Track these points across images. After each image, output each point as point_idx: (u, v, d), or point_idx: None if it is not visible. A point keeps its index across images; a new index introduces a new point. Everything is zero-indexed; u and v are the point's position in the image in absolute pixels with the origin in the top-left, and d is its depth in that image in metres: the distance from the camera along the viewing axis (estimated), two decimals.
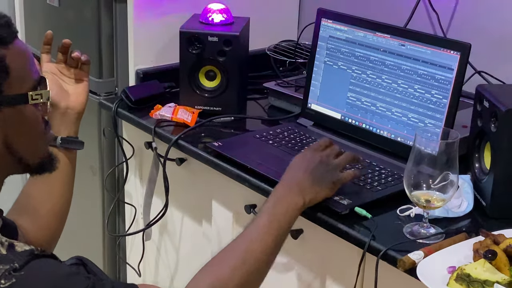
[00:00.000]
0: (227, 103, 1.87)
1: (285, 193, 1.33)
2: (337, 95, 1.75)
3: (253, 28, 1.97)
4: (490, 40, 1.79)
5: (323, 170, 1.38)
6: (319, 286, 1.54)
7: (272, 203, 1.31)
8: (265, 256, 1.26)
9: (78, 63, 1.51)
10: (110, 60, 2.13)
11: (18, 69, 1.11)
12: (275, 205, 1.31)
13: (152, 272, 2.07)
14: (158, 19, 1.97)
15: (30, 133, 1.17)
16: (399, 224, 1.37)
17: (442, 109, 1.56)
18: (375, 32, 1.67)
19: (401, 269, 1.25)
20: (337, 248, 1.43)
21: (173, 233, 1.96)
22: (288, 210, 1.31)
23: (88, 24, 2.12)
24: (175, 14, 1.96)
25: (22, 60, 1.13)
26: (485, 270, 1.17)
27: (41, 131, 1.19)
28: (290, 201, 1.32)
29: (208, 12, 1.89)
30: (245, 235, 1.26)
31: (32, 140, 1.17)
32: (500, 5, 1.77)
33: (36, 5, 2.35)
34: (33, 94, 1.14)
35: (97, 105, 2.10)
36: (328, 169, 1.39)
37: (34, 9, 2.36)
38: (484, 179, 1.44)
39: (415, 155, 1.30)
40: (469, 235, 1.31)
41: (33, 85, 1.15)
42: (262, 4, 2.13)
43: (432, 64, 1.57)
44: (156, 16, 1.97)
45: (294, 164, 1.40)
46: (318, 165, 1.38)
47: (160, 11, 1.97)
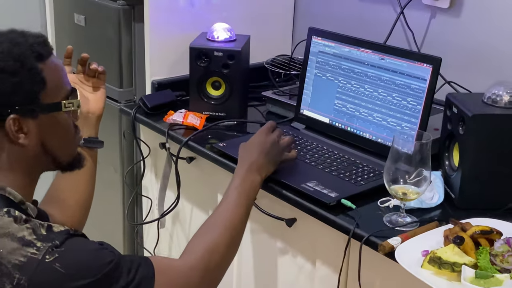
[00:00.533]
0: (231, 109, 1.87)
1: (247, 172, 1.39)
2: (326, 102, 1.74)
3: (253, 44, 1.97)
4: (458, 55, 1.79)
5: (274, 151, 1.46)
6: (310, 267, 1.53)
7: (238, 182, 1.37)
8: (240, 223, 1.31)
9: (96, 73, 1.52)
10: (129, 72, 2.13)
11: (53, 81, 1.12)
12: (241, 183, 1.36)
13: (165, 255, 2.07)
14: (171, 36, 1.97)
15: (62, 136, 1.18)
16: (379, 214, 1.37)
17: (416, 114, 1.56)
18: (359, 47, 1.67)
19: (381, 252, 1.25)
20: (326, 234, 1.43)
21: (184, 221, 1.96)
22: (252, 186, 1.37)
23: (110, 41, 2.12)
24: (185, 32, 1.96)
25: (56, 74, 1.14)
26: (454, 254, 1.17)
27: (72, 135, 1.21)
28: (253, 179, 1.38)
29: (214, 31, 1.89)
30: (222, 208, 1.32)
31: (64, 142, 1.19)
32: (467, 25, 1.77)
33: (65, 25, 2.35)
34: (66, 103, 1.15)
35: (118, 111, 2.10)
36: (277, 149, 1.47)
37: (64, 28, 2.36)
38: (453, 175, 1.44)
39: (393, 154, 1.30)
40: (440, 223, 1.32)
41: (66, 95, 1.16)
42: (260, 24, 2.13)
43: (408, 75, 1.57)
44: (169, 34, 1.97)
45: (249, 145, 1.46)
46: (269, 147, 1.45)
47: (172, 30, 1.97)
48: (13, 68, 1.06)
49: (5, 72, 1.06)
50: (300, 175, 1.51)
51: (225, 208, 1.31)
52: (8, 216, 1.03)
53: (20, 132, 1.09)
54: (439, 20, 1.83)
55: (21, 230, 1.02)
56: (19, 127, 1.09)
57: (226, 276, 1.28)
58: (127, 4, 2.05)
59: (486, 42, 1.74)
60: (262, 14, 2.15)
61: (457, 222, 1.26)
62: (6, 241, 1.00)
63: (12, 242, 1.00)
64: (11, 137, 1.09)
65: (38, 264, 0.99)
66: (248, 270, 1.72)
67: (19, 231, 1.01)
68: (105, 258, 1.04)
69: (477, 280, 1.12)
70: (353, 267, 1.37)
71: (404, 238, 1.26)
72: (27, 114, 1.09)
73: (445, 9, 1.80)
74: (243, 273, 1.74)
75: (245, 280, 1.74)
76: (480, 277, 1.13)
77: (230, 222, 1.28)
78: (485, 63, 1.74)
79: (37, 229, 1.03)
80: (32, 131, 1.11)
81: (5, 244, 1.00)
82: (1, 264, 0.98)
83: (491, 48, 1.73)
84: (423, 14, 1.85)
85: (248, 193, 1.36)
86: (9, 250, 0.99)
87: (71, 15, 2.28)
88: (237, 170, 1.40)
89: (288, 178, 1.49)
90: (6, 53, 1.07)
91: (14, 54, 1.07)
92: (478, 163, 1.39)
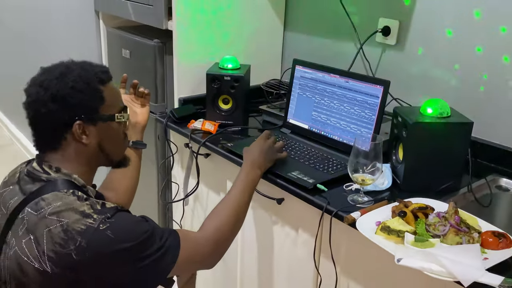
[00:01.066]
0: (236, 119, 1.87)
1: (250, 168, 1.38)
2: (305, 113, 1.75)
3: (252, 71, 1.97)
4: (402, 78, 1.79)
5: (270, 153, 1.45)
6: (294, 234, 1.54)
7: (244, 175, 1.36)
8: (244, 207, 1.31)
9: (143, 94, 1.53)
10: (162, 91, 2.14)
11: (110, 99, 1.14)
12: (245, 176, 1.35)
13: (189, 226, 2.08)
14: (193, 65, 1.98)
15: (114, 140, 1.19)
16: (344, 195, 1.38)
17: (372, 122, 1.56)
18: (330, 73, 1.67)
19: (346, 223, 1.26)
20: (305, 210, 1.43)
21: (202, 201, 1.96)
22: (254, 179, 1.37)
23: (148, 69, 2.12)
24: (203, 62, 1.96)
25: (113, 94, 1.16)
26: (399, 224, 1.18)
27: (121, 140, 1.22)
28: (254, 173, 1.38)
29: (224, 61, 1.89)
30: (230, 195, 1.31)
31: (115, 145, 1.20)
32: (408, 56, 1.77)
33: (116, 58, 2.35)
34: (118, 115, 1.16)
35: (154, 120, 2.10)
36: (273, 151, 1.46)
37: (115, 60, 2.37)
38: (398, 166, 1.45)
39: (355, 151, 1.31)
40: (389, 202, 1.33)
41: (119, 110, 1.17)
42: (258, 56, 2.14)
43: (366, 94, 1.58)
44: (191, 63, 1.97)
45: (252, 148, 1.45)
46: (267, 149, 1.45)
47: (193, 60, 1.97)
48: (81, 87, 1.08)
49: (76, 90, 1.08)
50: (287, 166, 1.51)
51: (233, 195, 1.30)
52: (73, 196, 1.05)
53: (83, 134, 1.11)
54: (388, 53, 1.83)
55: (82, 206, 1.02)
56: (83, 130, 1.10)
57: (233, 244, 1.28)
58: (160, 42, 2.05)
59: (422, 69, 1.74)
60: (259, 49, 2.15)
61: (401, 201, 1.27)
62: (71, 213, 1.01)
63: (76, 214, 1.01)
64: (76, 137, 1.10)
65: (94, 231, 0.99)
66: (249, 236, 1.73)
67: (80, 206, 1.02)
68: (144, 228, 1.05)
69: (416, 243, 1.14)
70: (325, 234, 1.38)
71: (362, 213, 1.26)
72: (89, 121, 1.11)
73: (393, 45, 1.80)
74: (246, 239, 1.75)
75: (248, 244, 1.75)
76: (418, 241, 1.14)
77: (236, 206, 1.28)
78: (421, 84, 1.75)
79: (94, 205, 1.03)
80: (92, 134, 1.12)
81: (70, 216, 1.01)
82: (68, 231, 0.99)
83: (426, 73, 1.73)
84: (376, 49, 1.86)
85: (251, 184, 1.35)
86: (73, 220, 1.00)
87: (119, 50, 2.29)
88: (242, 167, 1.39)
89: (278, 169, 1.49)
90: (77, 76, 1.09)
91: (83, 78, 1.10)
92: (416, 158, 1.39)
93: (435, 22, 1.67)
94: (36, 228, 1.01)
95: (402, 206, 1.24)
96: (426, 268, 1.05)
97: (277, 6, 2.14)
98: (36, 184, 1.08)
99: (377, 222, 1.21)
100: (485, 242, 1.13)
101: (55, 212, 1.01)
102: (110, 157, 1.19)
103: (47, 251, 0.99)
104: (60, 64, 1.13)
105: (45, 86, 1.07)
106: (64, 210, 1.01)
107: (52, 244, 0.99)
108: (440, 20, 1.66)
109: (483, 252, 1.11)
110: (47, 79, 1.08)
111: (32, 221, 1.03)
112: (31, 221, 1.03)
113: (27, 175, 1.11)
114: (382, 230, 1.17)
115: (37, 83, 1.08)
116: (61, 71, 1.10)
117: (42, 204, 1.03)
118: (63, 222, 1.00)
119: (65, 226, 0.99)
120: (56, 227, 1.00)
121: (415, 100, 1.72)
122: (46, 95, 1.06)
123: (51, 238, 0.99)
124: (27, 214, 1.04)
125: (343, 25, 1.94)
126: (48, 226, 1.00)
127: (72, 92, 1.07)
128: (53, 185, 1.07)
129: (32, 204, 1.04)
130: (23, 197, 1.07)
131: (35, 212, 1.03)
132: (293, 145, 1.67)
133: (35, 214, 1.03)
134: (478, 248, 1.10)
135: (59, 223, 1.00)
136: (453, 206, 1.19)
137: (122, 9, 2.20)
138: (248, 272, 1.77)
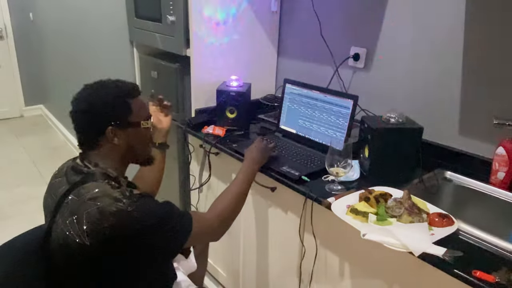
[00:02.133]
0: (240, 125, 1.86)
1: (250, 164, 1.37)
2: (293, 121, 1.75)
3: (252, 88, 1.97)
4: (368, 93, 1.79)
5: (265, 151, 1.44)
6: (284, 215, 1.53)
7: (245, 169, 1.34)
8: (244, 195, 1.29)
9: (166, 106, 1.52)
10: (182, 104, 2.13)
11: (137, 110, 1.12)
12: (246, 170, 1.34)
13: (202, 208, 2.08)
14: (205, 83, 1.97)
15: (141, 142, 1.17)
16: (323, 185, 1.37)
17: (345, 128, 1.56)
18: (312, 90, 1.67)
19: (324, 206, 1.26)
20: (293, 196, 1.43)
21: (213, 189, 1.96)
22: (252, 172, 1.36)
23: (171, 86, 2.12)
24: (213, 81, 1.96)
25: (140, 106, 1.14)
26: (365, 207, 1.19)
27: (147, 143, 1.19)
28: (253, 168, 1.37)
29: (230, 81, 1.89)
30: (233, 185, 1.29)
31: (142, 146, 1.18)
32: (373, 76, 1.77)
33: (146, 78, 2.35)
34: (144, 123, 1.14)
35: (176, 126, 2.10)
36: (267, 150, 1.45)
37: (146, 80, 2.37)
38: (365, 162, 1.45)
39: (331, 150, 1.31)
40: (357, 190, 1.32)
41: (145, 118, 1.15)
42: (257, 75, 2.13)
43: (340, 105, 1.57)
44: (204, 82, 1.97)
45: (251, 149, 1.44)
46: (263, 149, 1.44)
47: (206, 79, 1.97)
48: (113, 100, 1.07)
49: (108, 102, 1.07)
50: (278, 162, 1.51)
51: (236, 184, 1.30)
52: (107, 184, 1.04)
53: (114, 137, 1.09)
54: (358, 74, 1.83)
55: (114, 192, 1.01)
56: (114, 133, 1.09)
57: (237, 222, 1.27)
58: (180, 65, 2.05)
59: (384, 86, 1.74)
60: (258, 71, 2.14)
61: (366, 189, 1.27)
62: (105, 198, 1.00)
63: (109, 199, 1.00)
64: (109, 139, 1.09)
65: (124, 212, 0.98)
66: (249, 217, 1.72)
67: (113, 193, 1.01)
68: (164, 209, 1.04)
69: (377, 222, 1.14)
70: (308, 215, 1.38)
71: (336, 198, 1.27)
72: (120, 127, 1.09)
73: (361, 68, 1.80)
74: (246, 219, 1.74)
75: (248, 222, 1.74)
76: (379, 220, 1.15)
77: (237, 193, 1.27)
78: (383, 98, 1.75)
79: (124, 192, 1.03)
80: (122, 137, 1.10)
81: (105, 200, 1.00)
82: (103, 212, 0.98)
83: (387, 90, 1.73)
84: (349, 71, 1.85)
85: (250, 176, 1.34)
86: (107, 203, 0.99)
87: (149, 72, 2.29)
88: (244, 163, 1.39)
89: (272, 164, 1.49)
90: (111, 91, 1.08)
91: (115, 92, 1.08)
92: (378, 156, 1.39)
93: (395, 47, 1.67)
94: (78, 210, 1.01)
95: (367, 193, 1.24)
96: (386, 241, 1.06)
97: (272, 38, 2.14)
98: (79, 176, 1.08)
99: (347, 205, 1.22)
100: (432, 221, 1.14)
101: (92, 198, 1.00)
102: (138, 156, 1.18)
103: (87, 228, 0.98)
104: (98, 81, 1.12)
105: (84, 99, 1.07)
106: (100, 196, 1.00)
107: (90, 223, 0.98)
108: (398, 47, 1.66)
109: (430, 229, 1.11)
110: (87, 94, 1.08)
111: (74, 205, 1.02)
112: (74, 205, 1.02)
113: (72, 169, 1.10)
114: (351, 211, 1.17)
115: (79, 97, 1.08)
116: (97, 87, 1.09)
117: (83, 191, 1.03)
118: (99, 205, 0.99)
119: (100, 208, 0.98)
120: (93, 209, 0.99)
121: (378, 111, 1.72)
122: (85, 107, 1.06)
123: (89, 217, 0.98)
124: (71, 200, 1.03)
125: (323, 52, 1.94)
126: (87, 209, 0.99)
127: (104, 104, 1.07)
128: (92, 176, 1.06)
129: (75, 192, 1.04)
130: (68, 186, 1.07)
131: (77, 198, 1.02)
132: (284, 146, 1.67)
133: (77, 199, 1.02)
134: (426, 226, 1.10)
135: (96, 206, 0.99)
136: (407, 193, 1.20)
137: (152, 40, 2.20)
138: (248, 244, 1.77)
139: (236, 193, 1.26)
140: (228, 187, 1.30)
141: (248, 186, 1.33)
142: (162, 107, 1.52)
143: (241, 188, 1.29)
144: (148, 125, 1.16)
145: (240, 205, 1.28)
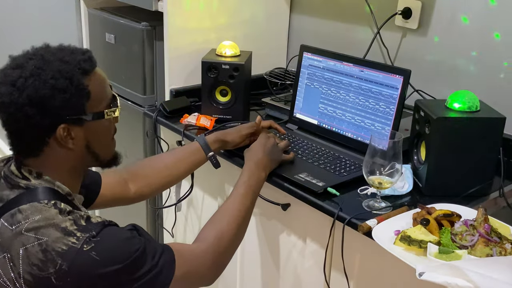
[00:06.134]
0: (236, 112, 1.87)
1: (253, 169, 1.38)
2: (314, 107, 1.75)
3: (254, 59, 1.97)
4: (425, 67, 1.79)
5: (275, 152, 1.47)
6: (302, 244, 1.54)
7: (246, 177, 1.35)
8: (246, 213, 1.30)
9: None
10: (151, 82, 2.13)
11: (97, 92, 1.09)
12: (249, 178, 1.35)
13: (181, 234, 2.08)
14: (186, 52, 1.97)
15: (104, 139, 1.15)
16: (359, 200, 1.37)
17: (390, 117, 1.56)
18: (342, 62, 1.67)
19: (361, 232, 1.26)
20: (314, 217, 1.43)
21: (197, 206, 1.97)
22: (257, 181, 1.37)
23: (136, 56, 2.12)
24: (198, 48, 1.96)
25: (100, 85, 1.11)
26: (421, 233, 1.18)
27: (111, 137, 1.18)
28: (258, 175, 1.38)
29: (222, 48, 1.89)
30: (231, 200, 1.30)
31: (105, 144, 1.16)
32: (432, 43, 1.77)
33: (98, 43, 2.35)
34: (108, 111, 1.12)
35: (142, 114, 2.10)
36: (277, 150, 1.48)
37: (97, 45, 2.36)
38: (420, 167, 1.45)
39: (371, 150, 1.30)
40: (409, 208, 1.32)
41: (108, 104, 1.12)
42: (260, 41, 2.14)
43: (383, 85, 1.57)
44: (184, 50, 1.97)
45: (255, 147, 1.46)
46: (271, 149, 1.45)
47: (187, 46, 1.97)
48: (62, 85, 1.03)
49: (56, 89, 1.02)
50: (293, 167, 1.51)
51: (234, 200, 1.30)
52: (54, 208, 1.02)
53: (68, 137, 1.07)
54: (409, 38, 1.83)
55: (64, 221, 1.00)
56: (68, 133, 1.06)
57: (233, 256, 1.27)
58: (149, 25, 2.05)
59: (447, 57, 1.74)
60: (262, 33, 2.15)
61: (424, 207, 1.27)
62: (51, 230, 0.99)
63: (56, 231, 0.99)
64: (61, 142, 1.07)
65: (77, 252, 0.98)
66: (250, 247, 1.72)
67: (62, 222, 1.00)
68: (134, 246, 1.03)
69: (440, 255, 1.13)
70: (337, 244, 1.38)
71: (379, 220, 1.26)
72: (75, 123, 1.07)
73: (414, 29, 1.80)
74: (246, 251, 1.74)
75: (248, 255, 1.75)
76: (443, 253, 1.14)
77: (238, 212, 1.27)
78: (447, 74, 1.75)
79: (78, 220, 1.02)
80: (79, 136, 1.08)
81: (50, 233, 0.99)
82: (47, 251, 0.97)
83: (451, 62, 1.73)
84: (396, 34, 1.85)
85: (254, 187, 1.35)
86: (53, 239, 0.98)
87: (103, 34, 2.28)
88: (244, 167, 1.39)
89: (283, 170, 1.49)
90: (57, 71, 1.03)
91: (64, 72, 1.04)
92: (441, 158, 1.39)
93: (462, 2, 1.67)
94: (12, 245, 1.00)
95: (425, 213, 1.23)
96: (452, 283, 1.05)
97: None
98: (14, 191, 1.06)
99: (396, 231, 1.21)
100: None
101: (33, 228, 0.99)
102: (100, 158, 1.16)
103: (24, 273, 0.98)
104: (34, 53, 1.07)
105: (19, 86, 1.01)
106: (43, 226, 0.99)
107: (29, 266, 0.97)
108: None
109: None
110: (21, 76, 1.02)
111: (6, 236, 1.01)
112: (6, 237, 1.01)
113: (4, 179, 1.09)
114: (402, 240, 1.17)
115: (9, 81, 1.02)
116: (36, 64, 1.03)
117: (19, 217, 1.01)
118: (41, 241, 0.98)
119: (44, 245, 0.98)
120: (34, 246, 0.98)
121: (439, 92, 1.72)
122: (22, 97, 1.01)
123: (28, 258, 0.98)
124: (1, 228, 1.02)
125: (357, 7, 1.93)
126: (25, 244, 0.98)
127: (52, 93, 1.02)
128: (33, 194, 1.04)
129: (7, 216, 1.02)
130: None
131: (10, 226, 1.01)
132: (300, 143, 1.67)
133: (10, 229, 1.01)
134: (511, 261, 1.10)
135: (37, 242, 0.98)
136: (483, 212, 1.19)
137: None
138: None
139: (236, 214, 1.26)
140: (223, 205, 1.29)
141: (252, 203, 1.33)
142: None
143: (242, 205, 1.29)
144: (114, 115, 1.14)
145: (241, 231, 1.27)
